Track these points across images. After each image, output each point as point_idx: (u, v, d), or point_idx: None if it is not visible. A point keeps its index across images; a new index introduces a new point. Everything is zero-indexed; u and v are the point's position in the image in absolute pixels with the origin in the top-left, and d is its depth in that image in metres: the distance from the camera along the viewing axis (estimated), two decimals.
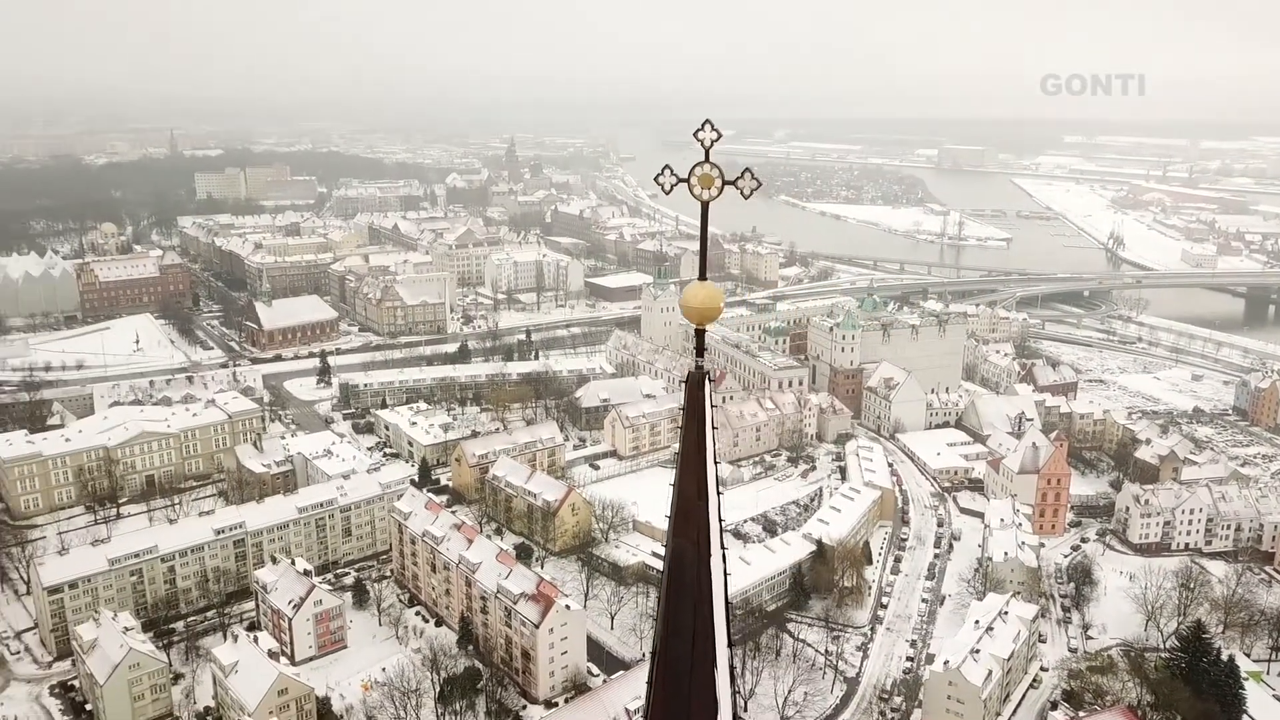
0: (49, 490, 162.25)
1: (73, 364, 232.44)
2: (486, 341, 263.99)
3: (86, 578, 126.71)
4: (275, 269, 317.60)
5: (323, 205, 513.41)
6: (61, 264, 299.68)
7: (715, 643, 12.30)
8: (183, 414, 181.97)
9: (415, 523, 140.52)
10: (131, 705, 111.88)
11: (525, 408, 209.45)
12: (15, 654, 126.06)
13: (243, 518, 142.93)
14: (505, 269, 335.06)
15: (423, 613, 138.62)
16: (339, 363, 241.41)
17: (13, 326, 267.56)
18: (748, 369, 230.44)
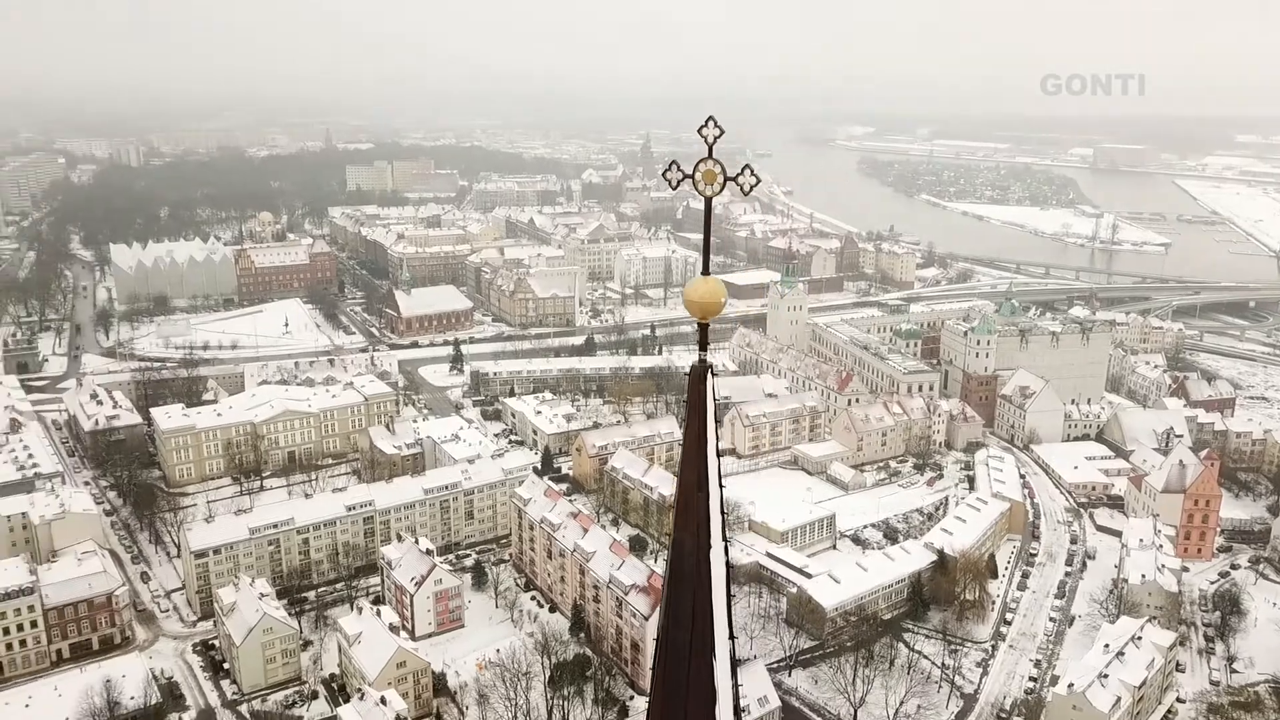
0: (201, 461, 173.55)
1: (228, 344, 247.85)
2: (612, 335, 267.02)
3: (229, 545, 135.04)
4: (415, 259, 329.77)
5: (463, 198, 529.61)
6: (222, 250, 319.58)
7: (714, 633, 12.31)
8: (323, 395, 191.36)
9: (534, 509, 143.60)
10: (264, 667, 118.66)
11: (646, 402, 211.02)
12: (165, 612, 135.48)
13: (372, 496, 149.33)
14: (634, 264, 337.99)
15: (538, 598, 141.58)
16: (471, 351, 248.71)
17: (177, 307, 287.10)
18: (876, 371, 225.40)
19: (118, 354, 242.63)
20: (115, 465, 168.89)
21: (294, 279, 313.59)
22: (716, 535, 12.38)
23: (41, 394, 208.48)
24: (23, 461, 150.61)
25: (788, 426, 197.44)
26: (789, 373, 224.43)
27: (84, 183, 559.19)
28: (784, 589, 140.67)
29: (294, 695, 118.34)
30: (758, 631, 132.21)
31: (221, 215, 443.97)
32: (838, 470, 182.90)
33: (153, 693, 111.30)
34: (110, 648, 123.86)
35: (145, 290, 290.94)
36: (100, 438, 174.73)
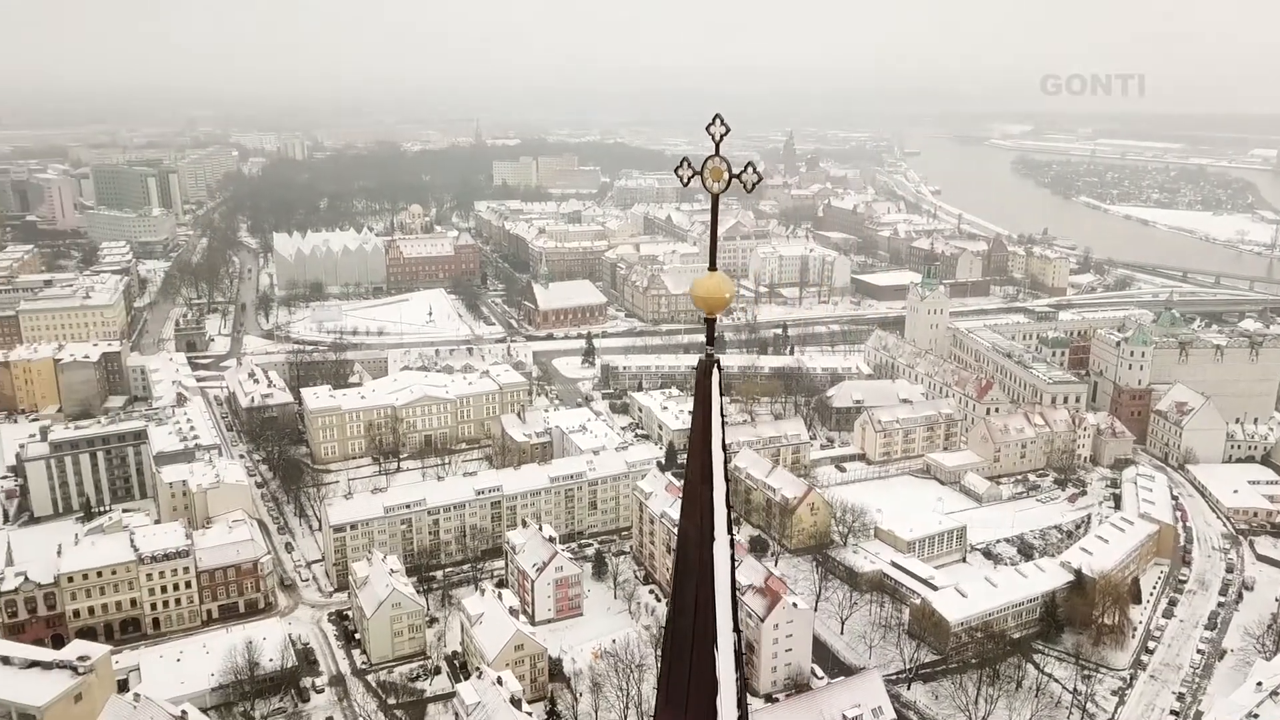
0: (344, 440, 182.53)
1: (375, 330, 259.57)
2: (743, 333, 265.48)
3: (365, 521, 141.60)
4: (555, 254, 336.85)
5: (604, 194, 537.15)
6: (374, 240, 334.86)
7: (716, 622, 12.41)
8: (460, 382, 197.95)
9: (655, 503, 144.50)
10: (391, 640, 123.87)
11: (774, 402, 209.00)
12: (305, 581, 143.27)
13: (501, 482, 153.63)
14: (770, 262, 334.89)
15: (656, 591, 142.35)
16: (603, 345, 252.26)
17: (330, 293, 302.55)
18: (1019, 380, 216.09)
19: (275, 336, 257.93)
20: (267, 441, 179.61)
21: (439, 270, 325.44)
22: (721, 528, 12.37)
23: (206, 371, 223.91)
24: (185, 433, 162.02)
25: (921, 434, 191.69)
26: (925, 378, 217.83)
27: (254, 174, 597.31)
28: (907, 600, 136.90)
29: (418, 669, 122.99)
30: (877, 641, 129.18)
31: (375, 207, 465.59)
32: (972, 481, 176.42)
33: (289, 656, 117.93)
34: (254, 612, 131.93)
35: (303, 277, 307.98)
36: (255, 414, 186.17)
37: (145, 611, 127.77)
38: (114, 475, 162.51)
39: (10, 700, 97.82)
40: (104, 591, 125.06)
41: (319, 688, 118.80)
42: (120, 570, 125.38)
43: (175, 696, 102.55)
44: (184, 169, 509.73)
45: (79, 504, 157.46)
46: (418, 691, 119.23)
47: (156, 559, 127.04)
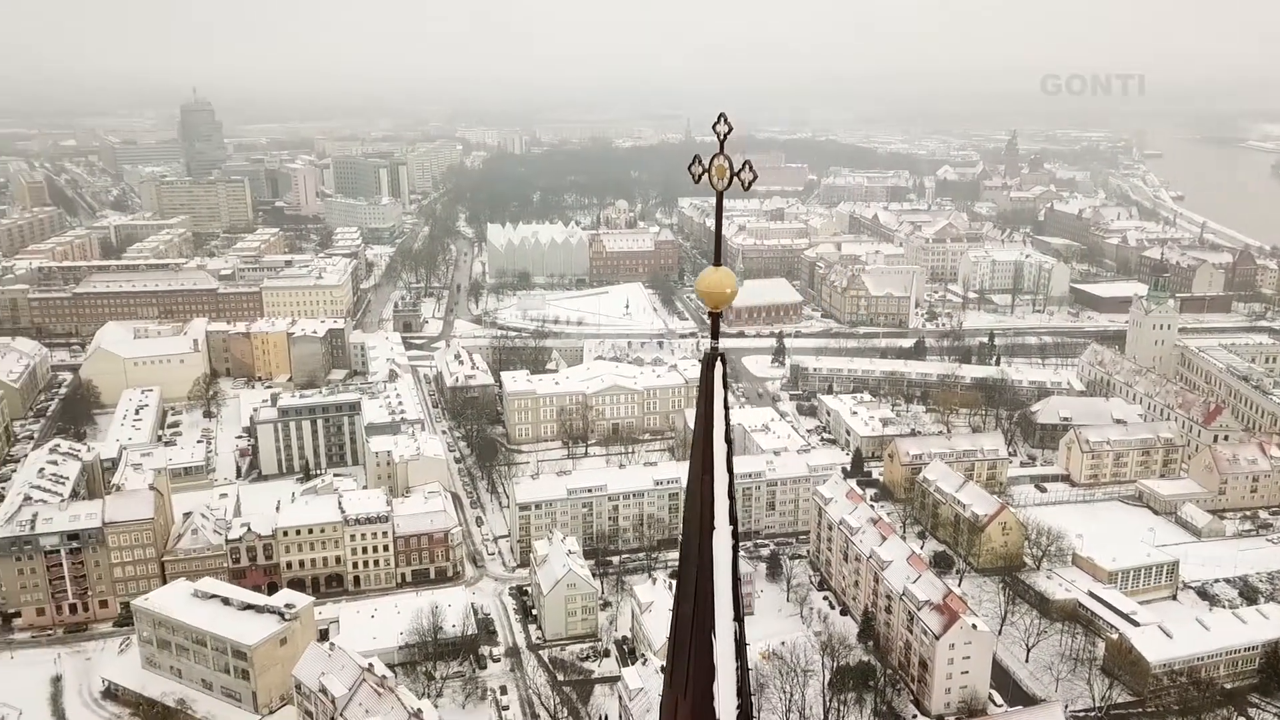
0: (537, 423, 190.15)
1: (575, 319, 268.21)
2: (945, 340, 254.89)
3: (549, 502, 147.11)
4: (753, 250, 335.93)
5: (810, 192, 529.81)
6: (580, 234, 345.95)
7: (714, 611, 12.61)
8: (649, 374, 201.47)
9: (834, 509, 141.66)
10: (565, 618, 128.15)
11: (973, 414, 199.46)
12: (491, 555, 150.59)
13: (680, 474, 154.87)
14: (981, 267, 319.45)
15: (830, 598, 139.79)
16: (794, 345, 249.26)
17: (536, 283, 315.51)
18: (1255, 407, 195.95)
19: (483, 321, 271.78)
20: (468, 419, 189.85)
21: (639, 264, 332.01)
22: (722, 519, 12.40)
23: (419, 351, 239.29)
24: (394, 407, 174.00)
25: (1135, 457, 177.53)
26: (1144, 398, 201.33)
27: (475, 168, 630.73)
28: (1103, 633, 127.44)
29: (589, 649, 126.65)
30: (1065, 674, 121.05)
31: (584, 202, 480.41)
32: (1190, 513, 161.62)
33: (471, 625, 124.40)
34: (443, 579, 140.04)
35: (512, 266, 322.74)
36: (458, 393, 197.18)
37: (348, 569, 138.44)
38: (330, 442, 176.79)
39: (227, 637, 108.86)
40: (313, 547, 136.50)
41: (496, 657, 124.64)
42: (328, 529, 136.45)
43: (366, 650, 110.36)
44: (412, 161, 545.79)
45: (299, 466, 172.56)
46: (586, 671, 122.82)
47: (360, 521, 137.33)
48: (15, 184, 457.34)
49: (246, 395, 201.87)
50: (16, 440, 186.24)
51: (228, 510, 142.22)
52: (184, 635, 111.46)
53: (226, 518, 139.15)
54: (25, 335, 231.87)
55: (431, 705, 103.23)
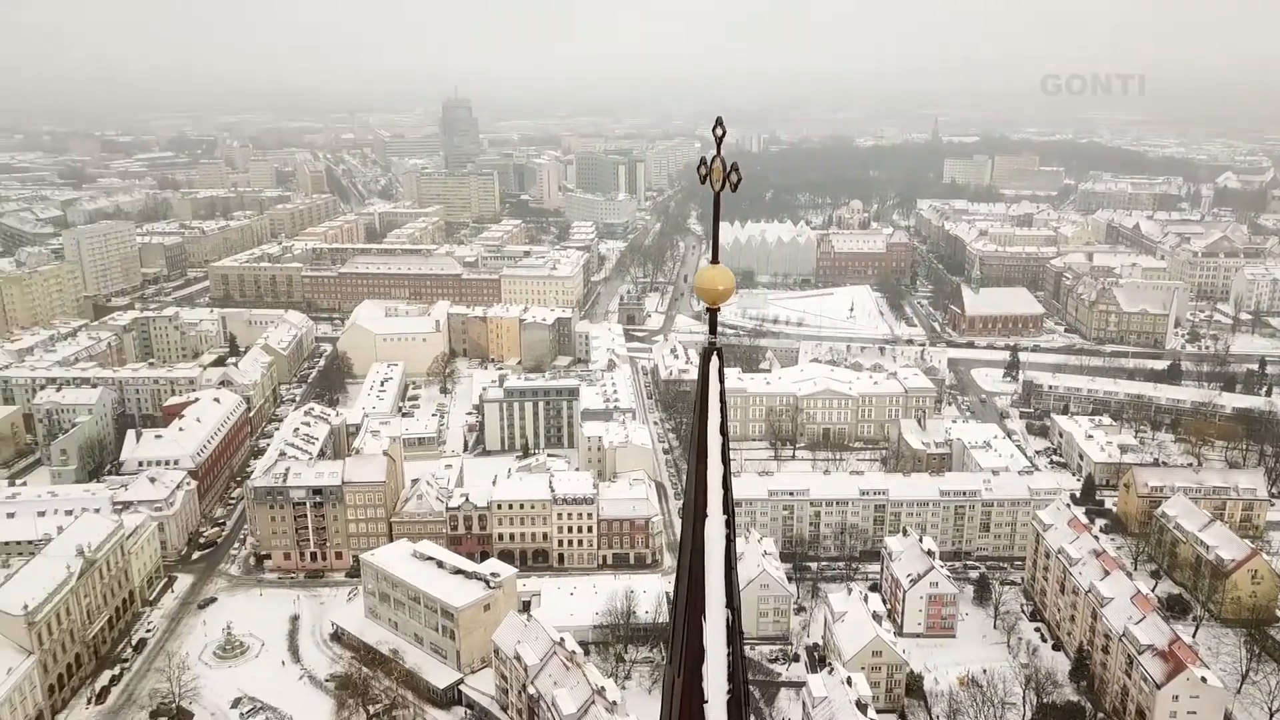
0: (745, 422, 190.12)
1: (794, 320, 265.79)
2: (1206, 365, 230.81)
3: (748, 501, 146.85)
4: (993, 257, 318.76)
5: (1065, 198, 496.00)
6: (808, 233, 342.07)
7: (705, 595, 12.92)
8: (865, 380, 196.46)
9: (1054, 536, 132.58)
10: (756, 618, 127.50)
11: (1230, 448, 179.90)
12: None
13: (888, 486, 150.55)
14: (1259, 285, 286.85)
15: (1042, 630, 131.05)
16: (1030, 359, 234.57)
17: (759, 282, 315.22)
18: None
19: (702, 318, 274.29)
20: (678, 412, 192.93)
21: (868, 266, 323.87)
22: (715, 506, 12.70)
23: (639, 343, 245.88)
24: (609, 395, 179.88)
25: None
26: None
27: None
28: None
29: (778, 652, 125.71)
30: None
31: (818, 201, 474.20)
32: None
33: (663, 612, 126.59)
34: (641, 565, 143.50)
35: (736, 264, 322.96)
36: (671, 386, 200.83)
37: (554, 546, 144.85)
38: (549, 423, 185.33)
39: (438, 597, 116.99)
40: (523, 522, 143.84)
41: None
42: (538, 506, 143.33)
43: (562, 625, 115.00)
44: (651, 158, 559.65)
45: (520, 444, 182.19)
46: (773, 673, 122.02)
47: (567, 501, 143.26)
48: (300, 173, 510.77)
49: (479, 375, 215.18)
50: (282, 402, 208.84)
51: (451, 480, 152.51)
52: (402, 591, 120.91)
53: (449, 487, 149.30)
54: (296, 309, 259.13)
55: (617, 685, 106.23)
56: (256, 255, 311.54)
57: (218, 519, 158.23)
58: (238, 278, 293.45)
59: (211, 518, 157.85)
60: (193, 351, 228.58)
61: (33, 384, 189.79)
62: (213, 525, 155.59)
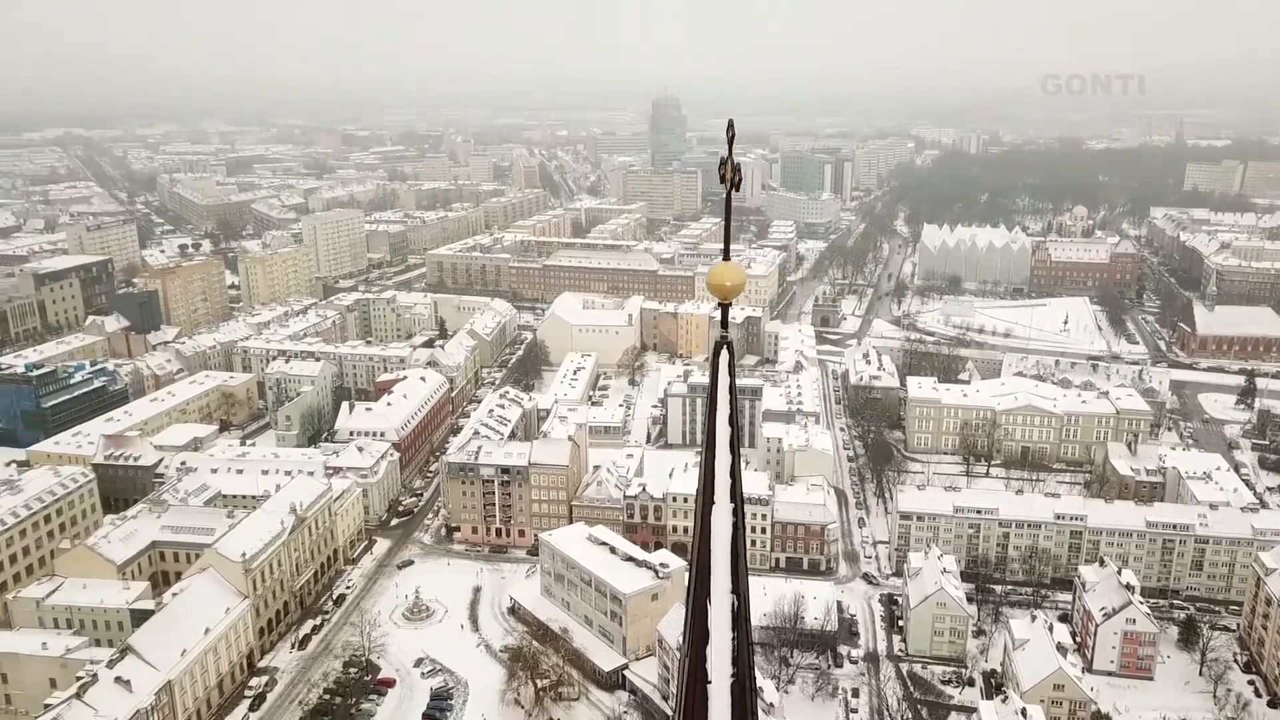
0: (938, 434, 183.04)
1: (1001, 330, 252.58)
2: None
3: (932, 515, 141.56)
4: (1235, 273, 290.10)
5: None
6: (1023, 239, 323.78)
7: (711, 580, 13.29)
8: (1072, 399, 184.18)
9: (1277, 582, 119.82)
10: (931, 636, 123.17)
11: None
12: (867, 558, 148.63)
13: (1087, 512, 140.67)
14: None
15: (1257, 684, 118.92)
16: (1272, 387, 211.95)
17: (966, 289, 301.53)
18: None
19: (901, 323, 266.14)
20: (866, 419, 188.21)
21: (1088, 277, 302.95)
22: (722, 495, 13.10)
23: (831, 346, 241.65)
24: (792, 397, 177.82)
25: None
26: None
27: (924, 166, 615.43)
28: None
29: (952, 673, 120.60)
30: None
31: (1037, 206, 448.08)
32: None
33: (832, 621, 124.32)
34: (814, 572, 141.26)
35: (943, 269, 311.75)
36: (860, 392, 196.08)
37: None
38: None
39: (608, 582, 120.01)
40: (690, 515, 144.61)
41: (853, 659, 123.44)
42: None
43: None
44: (859, 158, 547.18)
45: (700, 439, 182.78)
46: (945, 695, 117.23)
47: None
48: (516, 168, 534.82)
49: (666, 369, 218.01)
50: (482, 384, 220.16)
51: (631, 469, 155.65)
52: (575, 573, 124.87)
53: (629, 476, 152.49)
54: (502, 297, 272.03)
55: (776, 689, 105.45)
56: (469, 245, 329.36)
57: (416, 489, 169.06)
58: (451, 266, 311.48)
59: (411, 488, 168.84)
60: (406, 332, 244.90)
61: (267, 355, 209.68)
62: (411, 495, 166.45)
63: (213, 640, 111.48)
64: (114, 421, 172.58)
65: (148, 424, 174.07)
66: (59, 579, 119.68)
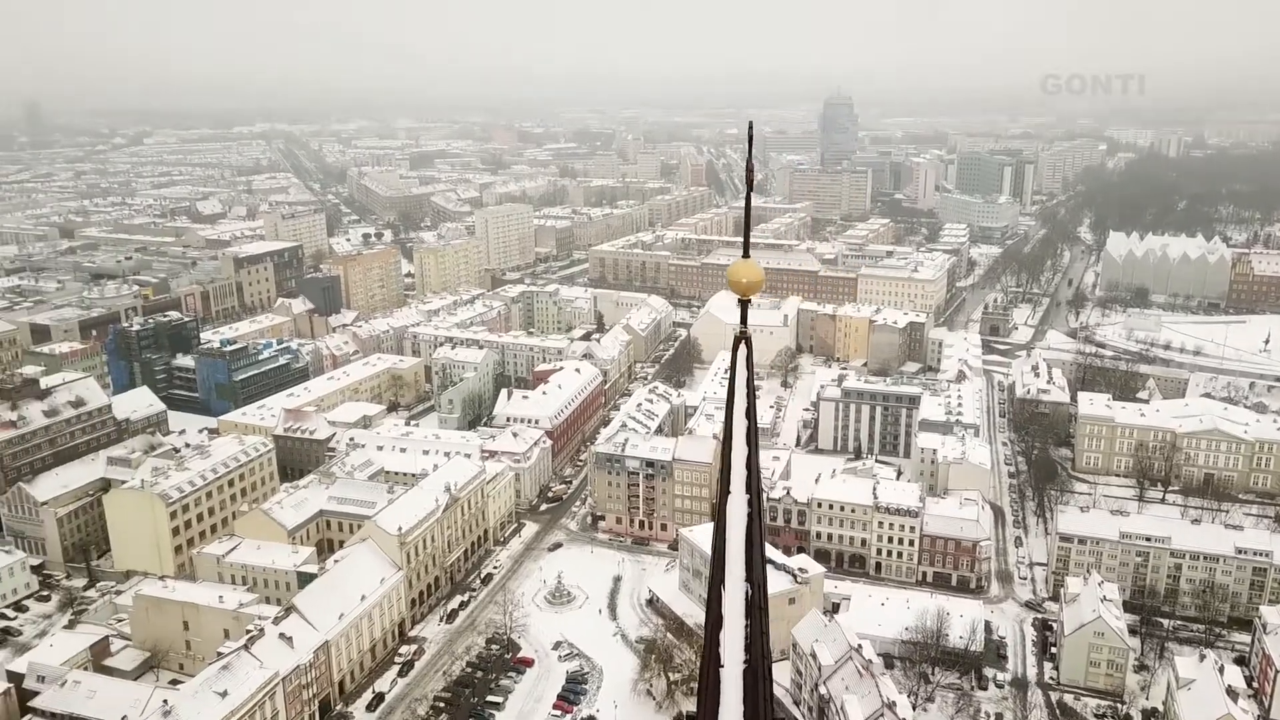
0: (1109, 454, 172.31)
1: (1190, 348, 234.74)
2: None
3: (1095, 540, 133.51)
4: None
5: None
6: (1223, 250, 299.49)
7: (725, 566, 13.91)
8: (1267, 424, 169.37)
9: None
10: (1085, 667, 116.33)
11: None
12: (1022, 580, 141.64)
13: (1274, 548, 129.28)
14: None
15: None
16: None
17: (1153, 302, 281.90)
18: None
19: (1077, 335, 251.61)
20: (1031, 434, 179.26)
21: None
22: (738, 485, 13.57)
23: (998, 356, 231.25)
24: (952, 408, 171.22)
25: None
26: None
27: (1116, 169, 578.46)
28: None
29: (1107, 708, 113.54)
30: None
31: (1242, 215, 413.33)
32: None
33: (978, 640, 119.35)
34: (963, 589, 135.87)
35: (1128, 280, 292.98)
36: (1027, 406, 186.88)
37: (871, 553, 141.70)
38: (885, 429, 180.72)
39: None
40: (842, 524, 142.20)
41: (999, 682, 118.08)
42: (858, 510, 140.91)
43: (866, 633, 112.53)
44: (1044, 160, 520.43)
45: (852, 446, 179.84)
46: None
47: (889, 510, 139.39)
48: (683, 166, 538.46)
49: (821, 372, 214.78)
50: (635, 378, 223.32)
51: (776, 472, 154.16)
52: None
53: (774, 479, 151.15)
54: (659, 294, 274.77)
55: (912, 704, 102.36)
56: (631, 242, 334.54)
57: (566, 477, 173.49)
58: (613, 261, 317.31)
59: (560, 475, 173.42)
60: (566, 325, 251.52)
61: (434, 341, 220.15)
62: (561, 482, 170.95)
63: (368, 607, 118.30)
64: (294, 397, 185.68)
65: (323, 400, 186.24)
66: (237, 539, 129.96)
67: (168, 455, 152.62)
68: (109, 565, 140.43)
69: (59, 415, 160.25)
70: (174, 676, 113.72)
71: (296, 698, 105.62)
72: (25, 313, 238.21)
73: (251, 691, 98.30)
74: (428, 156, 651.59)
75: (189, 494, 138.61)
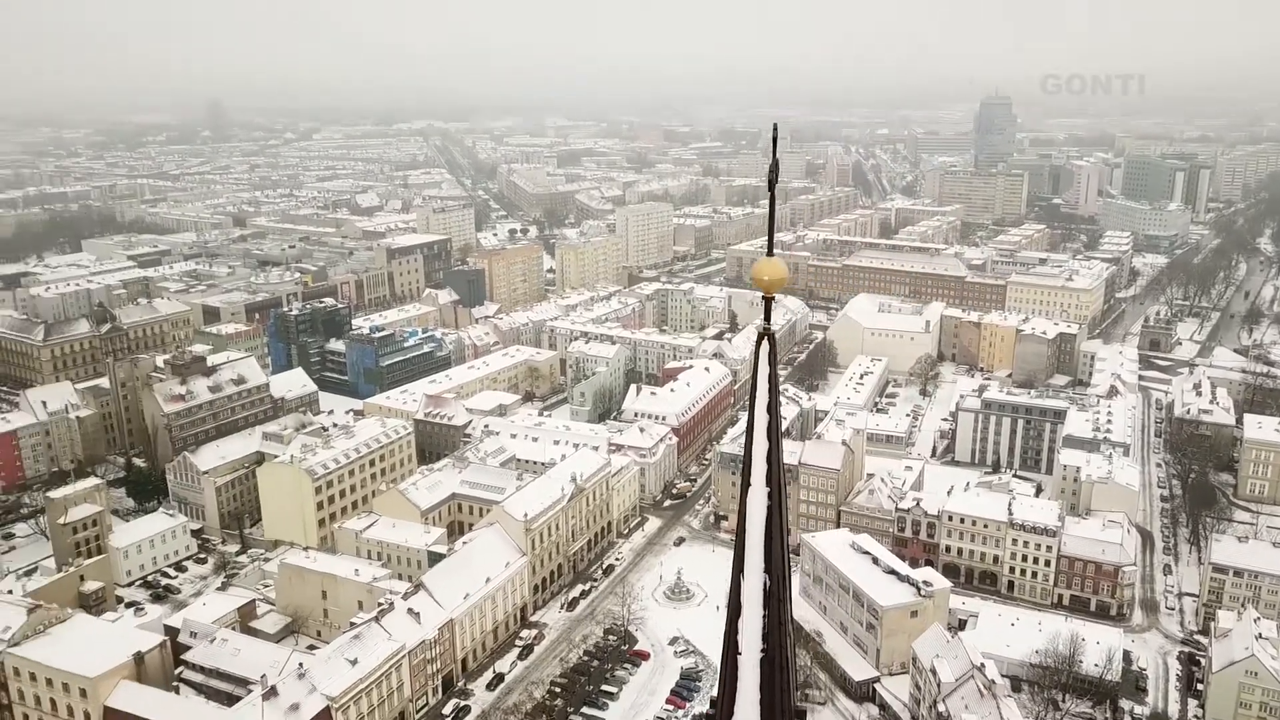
0: (1277, 482, 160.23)
1: None
2: None
3: (1254, 573, 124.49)
4: None
5: None
6: None
7: (744, 555, 14.17)
8: None
9: None
10: (1235, 707, 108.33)
11: None
12: (1169, 610, 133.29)
13: None
14: None
15: None
16: None
17: None
18: None
19: (1249, 354, 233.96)
20: (1188, 457, 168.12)
21: None
22: (758, 479, 13.84)
23: (1157, 372, 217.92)
24: (1100, 425, 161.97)
25: None
26: None
27: None
28: None
29: None
30: None
31: None
32: None
33: (1115, 669, 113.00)
34: (1102, 615, 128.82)
35: None
36: (1185, 426, 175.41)
37: (1004, 572, 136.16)
38: (1027, 444, 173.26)
39: (867, 592, 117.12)
40: (974, 539, 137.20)
41: (1136, 716, 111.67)
42: (990, 525, 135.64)
43: (991, 653, 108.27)
44: (1223, 165, 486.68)
45: (990, 459, 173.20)
46: None
47: (1025, 528, 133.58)
48: (829, 166, 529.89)
49: (962, 381, 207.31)
50: None
51: (908, 482, 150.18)
52: (833, 578, 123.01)
53: (904, 488, 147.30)
54: (797, 295, 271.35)
55: None
56: None
57: (690, 475, 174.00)
58: (750, 261, 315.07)
59: (685, 473, 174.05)
60: (699, 324, 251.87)
61: (570, 335, 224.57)
62: (685, 480, 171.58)
63: (492, 589, 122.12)
64: (435, 383, 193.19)
65: (463, 388, 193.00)
66: (375, 516, 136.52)
67: (316, 433, 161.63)
68: (259, 534, 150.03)
69: (222, 391, 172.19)
70: (311, 642, 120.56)
71: (421, 671, 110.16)
72: (199, 295, 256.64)
73: (379, 662, 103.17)
74: (575, 154, 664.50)
75: (333, 470, 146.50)
